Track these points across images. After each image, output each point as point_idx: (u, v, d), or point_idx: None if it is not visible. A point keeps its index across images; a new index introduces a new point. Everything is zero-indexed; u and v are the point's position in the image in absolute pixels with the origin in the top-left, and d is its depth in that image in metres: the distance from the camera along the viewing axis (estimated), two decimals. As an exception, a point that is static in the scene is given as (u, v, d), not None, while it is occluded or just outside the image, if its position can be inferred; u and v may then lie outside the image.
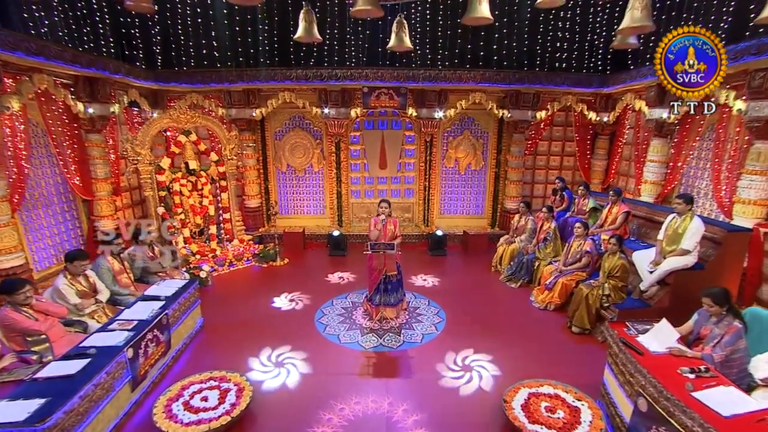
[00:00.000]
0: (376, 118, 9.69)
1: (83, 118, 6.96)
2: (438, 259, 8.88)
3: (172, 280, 5.85)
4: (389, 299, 6.12)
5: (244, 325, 6.01)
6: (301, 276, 7.87)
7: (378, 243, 5.64)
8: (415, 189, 10.12)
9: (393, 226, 6.02)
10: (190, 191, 8.17)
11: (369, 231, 6.06)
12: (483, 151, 9.95)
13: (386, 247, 5.62)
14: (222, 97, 9.07)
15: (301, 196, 10.15)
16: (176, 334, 5.23)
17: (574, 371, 4.88)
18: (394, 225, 6.02)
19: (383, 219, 5.85)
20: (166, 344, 4.89)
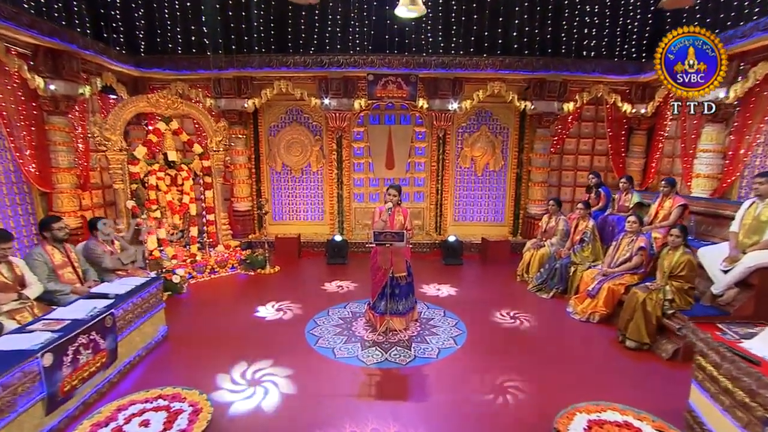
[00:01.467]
0: (383, 112, 8.95)
1: (44, 96, 6.21)
2: (453, 269, 7.90)
3: (130, 278, 4.89)
4: (397, 307, 5.14)
5: (218, 336, 5.07)
6: (294, 284, 6.98)
7: (384, 232, 4.70)
8: (426, 192, 9.24)
9: (402, 217, 5.11)
10: (169, 186, 7.32)
11: (372, 222, 5.15)
12: (503, 149, 9.09)
13: (394, 238, 4.66)
14: (210, 87, 8.36)
15: (297, 200, 9.32)
16: (127, 342, 4.24)
17: (637, 395, 3.81)
18: (405, 216, 5.11)
19: (390, 207, 4.94)
20: (109, 354, 3.88)
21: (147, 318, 4.61)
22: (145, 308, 4.58)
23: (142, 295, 4.53)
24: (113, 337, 3.95)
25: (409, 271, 5.18)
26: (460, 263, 8.13)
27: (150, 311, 4.68)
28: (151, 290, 4.73)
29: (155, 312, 4.79)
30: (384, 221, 5.03)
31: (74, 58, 6.46)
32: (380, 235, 4.71)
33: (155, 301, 4.82)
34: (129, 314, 4.28)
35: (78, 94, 6.67)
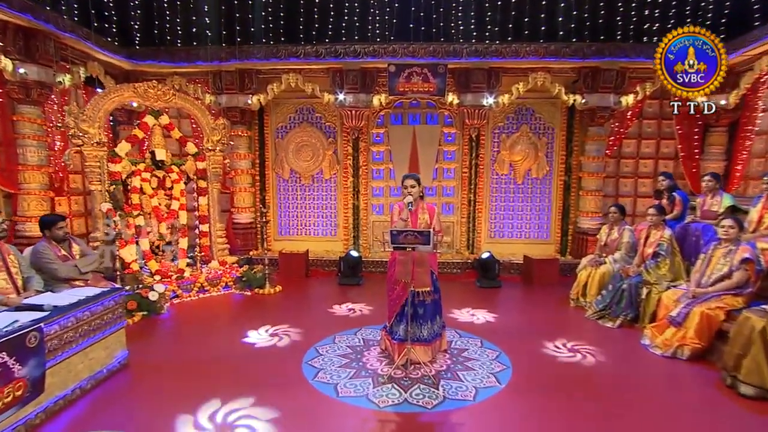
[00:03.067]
0: (406, 111, 8.25)
1: (11, 81, 5.71)
2: (490, 292, 6.91)
3: (86, 289, 4.11)
4: (420, 332, 4.23)
5: (192, 365, 4.25)
6: (296, 306, 6.18)
7: (404, 231, 3.82)
8: (456, 204, 8.38)
9: (428, 215, 4.26)
10: (155, 189, 6.68)
11: (391, 222, 4.31)
12: (547, 152, 8.18)
13: (417, 239, 3.78)
14: (210, 81, 7.82)
15: (307, 211, 8.62)
16: (63, 369, 3.41)
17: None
18: (431, 214, 4.28)
19: (411, 202, 4.08)
20: (29, 384, 3.04)
21: (97, 339, 3.78)
22: (95, 326, 3.76)
23: (91, 309, 3.72)
24: (38, 362, 3.12)
25: (435, 285, 4.27)
26: (497, 285, 7.13)
27: (102, 331, 3.86)
28: (107, 303, 3.93)
29: (111, 332, 3.97)
30: (404, 220, 4.17)
31: (50, 39, 5.98)
32: (400, 235, 3.83)
33: (112, 319, 4.01)
34: (69, 332, 3.46)
35: (55, 82, 6.18)
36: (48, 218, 4.55)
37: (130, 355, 4.23)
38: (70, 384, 3.48)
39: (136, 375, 4.05)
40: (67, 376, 3.45)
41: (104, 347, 3.90)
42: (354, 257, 7.30)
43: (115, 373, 3.98)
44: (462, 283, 7.38)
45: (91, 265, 4.64)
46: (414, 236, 3.81)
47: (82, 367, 3.62)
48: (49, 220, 4.51)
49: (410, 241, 3.83)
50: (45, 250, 4.36)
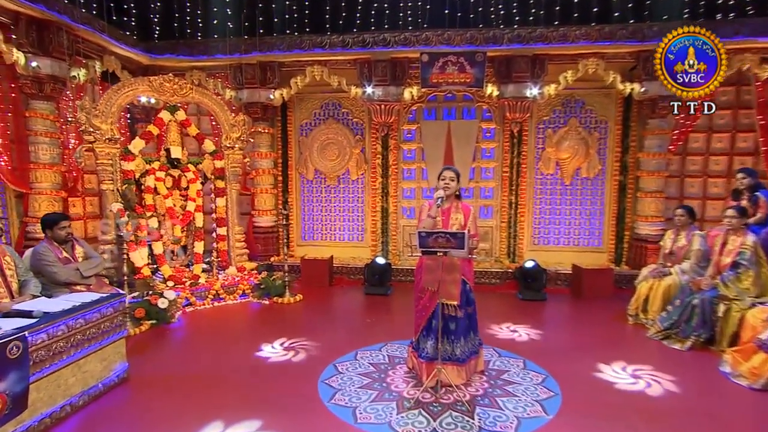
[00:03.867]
0: (440, 105, 7.93)
1: (24, 75, 5.71)
2: (533, 305, 6.44)
3: (82, 294, 3.95)
4: (452, 350, 3.87)
5: (198, 381, 4.03)
6: (316, 318, 5.92)
7: (435, 233, 3.48)
8: (495, 207, 7.96)
9: (463, 216, 3.93)
10: (170, 189, 6.59)
11: (419, 221, 3.97)
12: (600, 148, 7.64)
13: (449, 242, 3.42)
14: (230, 76, 7.72)
15: (332, 215, 8.39)
16: (51, 384, 3.23)
17: None
18: (466, 214, 3.94)
19: (441, 197, 3.73)
20: (7, 399, 2.85)
21: (92, 350, 3.60)
22: (89, 336, 3.57)
23: (86, 317, 3.54)
24: (20, 375, 2.93)
25: (468, 297, 3.90)
26: (542, 298, 6.64)
27: (99, 341, 3.67)
28: (104, 311, 3.74)
29: (108, 342, 3.79)
30: (434, 218, 3.80)
31: (65, 32, 5.97)
32: (429, 237, 3.48)
33: (110, 328, 3.82)
34: (59, 342, 3.27)
35: (69, 77, 6.18)
36: (50, 217, 4.44)
37: (132, 368, 4.06)
38: (59, 400, 3.29)
39: (135, 390, 3.85)
40: (56, 392, 3.26)
41: (100, 359, 3.71)
42: (380, 265, 6.97)
43: (112, 388, 3.79)
44: (501, 295, 6.93)
45: (95, 269, 4.49)
46: (446, 239, 3.45)
47: (74, 381, 3.43)
48: (51, 219, 4.39)
49: (441, 245, 3.48)
50: (45, 251, 4.23)
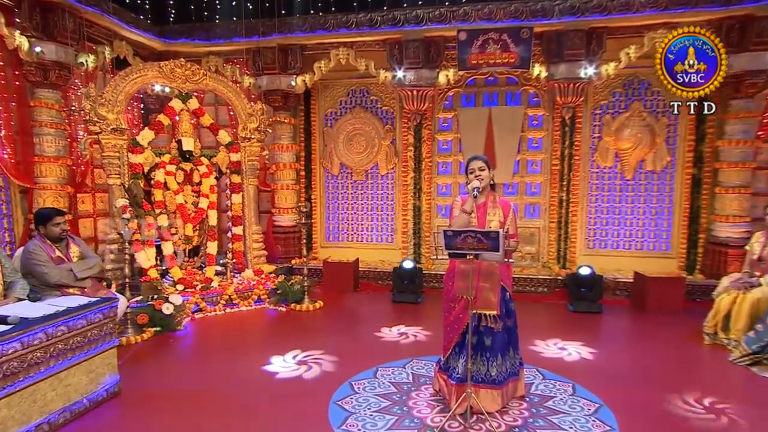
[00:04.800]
0: (480, 90, 7.57)
1: (28, 61, 5.69)
2: (587, 319, 5.99)
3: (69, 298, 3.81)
4: (487, 370, 3.51)
5: (197, 397, 3.85)
6: (336, 327, 5.72)
7: (464, 232, 3.15)
8: (543, 205, 7.54)
9: (501, 213, 3.60)
10: (181, 184, 6.49)
11: (450, 218, 3.69)
12: (668, 137, 7.06)
13: (482, 243, 3.10)
14: (249, 61, 7.60)
15: (359, 213, 8.17)
16: (26, 399, 3.06)
17: None
18: (505, 211, 3.62)
19: (477, 188, 3.40)
20: (-29, 415, 2.68)
21: (76, 361, 3.42)
22: (73, 345, 3.40)
23: (69, 323, 3.36)
24: (-15, 389, 2.76)
25: (508, 307, 3.55)
26: (597, 310, 6.16)
27: (85, 351, 3.50)
28: (92, 317, 3.56)
29: (96, 353, 3.61)
30: (468, 213, 3.46)
31: (72, 15, 5.93)
32: (457, 236, 3.14)
33: (99, 336, 3.64)
34: (35, 352, 3.10)
35: (76, 63, 6.14)
36: (44, 212, 4.38)
37: (125, 381, 3.91)
38: (35, 418, 3.11)
39: (125, 407, 3.67)
40: (31, 408, 3.09)
41: (87, 371, 3.53)
42: (407, 269, 6.63)
43: (100, 403, 3.61)
44: (549, 306, 6.51)
45: (90, 270, 4.40)
46: (477, 239, 3.10)
47: (54, 395, 3.25)
48: (45, 214, 4.32)
49: (472, 246, 3.13)
50: (36, 249, 4.14)
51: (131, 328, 4.96)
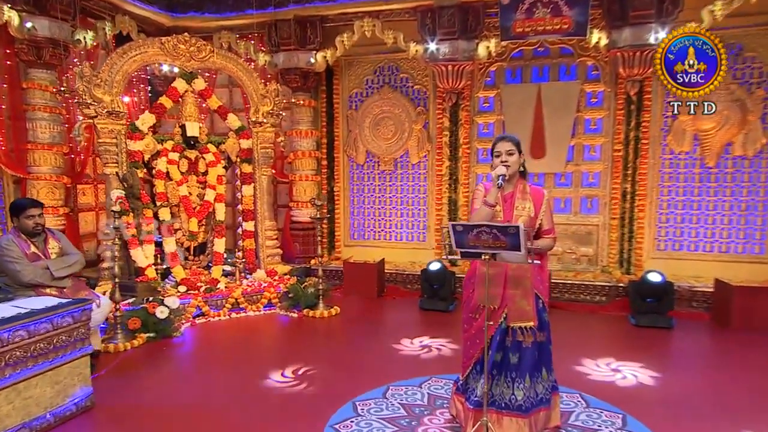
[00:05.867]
0: (528, 63, 7.28)
1: (19, 38, 5.77)
2: (652, 335, 5.61)
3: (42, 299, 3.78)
4: (512, 393, 3.23)
5: (179, 415, 3.77)
6: (351, 337, 5.67)
7: (478, 227, 2.89)
8: (602, 198, 7.18)
9: (532, 204, 3.31)
10: (185, 174, 6.50)
11: (471, 209, 3.52)
12: (765, 113, 6.51)
13: (498, 240, 2.87)
14: (265, 37, 7.59)
15: (387, 208, 8.05)
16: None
17: None
18: (537, 201, 3.33)
19: (503, 176, 3.16)
20: None
21: (40, 370, 3.35)
22: (35, 352, 3.33)
23: (30, 328, 3.28)
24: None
25: (541, 319, 3.24)
26: (666, 325, 5.75)
27: (51, 359, 3.43)
28: (59, 321, 3.49)
29: (65, 361, 3.54)
30: (493, 206, 3.18)
31: (67, -14, 6.01)
32: (469, 232, 2.87)
33: (68, 342, 3.57)
34: (-12, 359, 3.04)
35: (72, 41, 6.19)
36: (18, 202, 4.44)
37: (103, 394, 3.88)
38: (-13, 434, 3.06)
39: (97, 424, 3.61)
40: (-18, 424, 3.04)
41: (52, 382, 3.46)
42: (435, 272, 6.37)
43: (68, 419, 3.53)
44: (606, 319, 6.15)
45: (69, 269, 4.38)
46: (493, 235, 2.80)
47: (10, 410, 3.18)
48: (19, 205, 4.35)
49: (487, 243, 2.84)
50: (8, 245, 4.13)
51: (121, 333, 4.92)
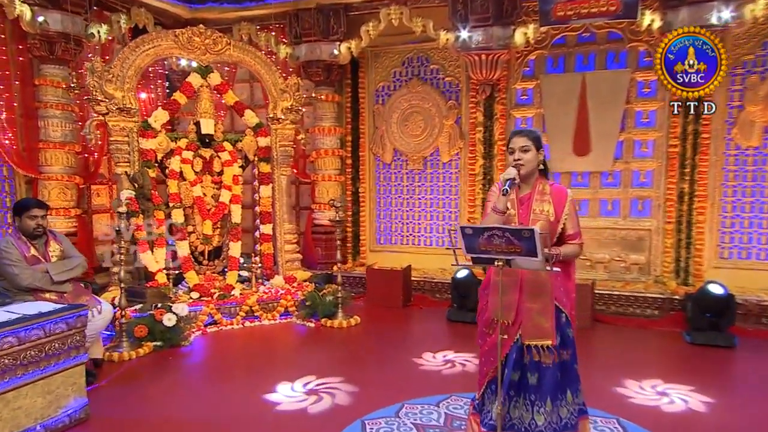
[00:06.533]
0: (571, 50, 7.18)
1: (31, 33, 5.98)
2: (710, 354, 5.38)
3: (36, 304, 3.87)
4: (532, 418, 3.10)
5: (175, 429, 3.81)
6: (369, 349, 5.73)
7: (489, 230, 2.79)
8: (655, 200, 6.98)
9: (552, 206, 3.15)
10: (200, 174, 6.62)
11: (483, 213, 3.38)
12: None
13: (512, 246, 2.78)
14: (286, 28, 7.71)
15: (416, 210, 8.12)
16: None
17: None
18: (558, 203, 3.17)
19: (512, 180, 3.03)
20: None
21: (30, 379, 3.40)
22: (26, 360, 3.37)
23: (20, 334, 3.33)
24: None
25: (564, 335, 3.09)
26: (727, 344, 5.50)
27: (42, 368, 3.48)
28: (51, 327, 3.53)
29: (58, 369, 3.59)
30: (502, 213, 3.05)
31: (80, -21, 6.21)
32: (479, 235, 2.80)
33: (62, 350, 3.62)
34: (-27, 367, 3.11)
35: (86, 35, 6.38)
36: (22, 202, 4.61)
37: (101, 405, 3.96)
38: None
39: (92, 436, 3.65)
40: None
41: (44, 392, 3.51)
42: (461, 279, 6.34)
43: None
44: (657, 335, 5.97)
45: (69, 273, 4.45)
46: (505, 239, 2.69)
47: (-4, 421, 3.26)
48: (23, 204, 4.48)
49: (499, 248, 2.73)
50: (7, 247, 4.24)
51: (126, 341, 5.02)
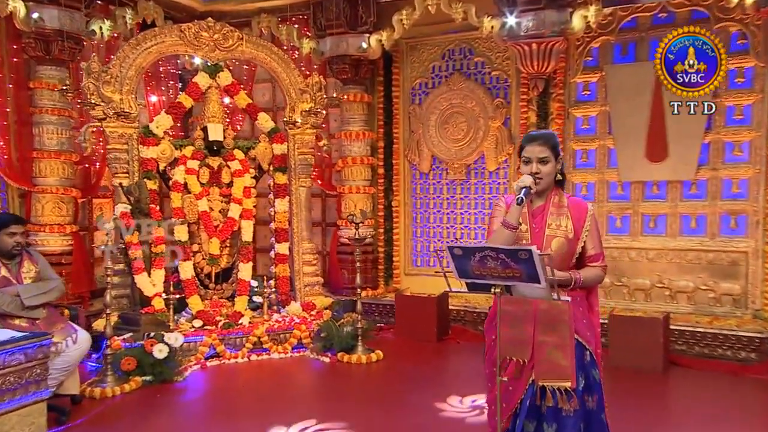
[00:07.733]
0: (643, 35, 7.01)
1: (26, 31, 6.20)
2: None
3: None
4: None
5: None
6: (386, 390, 5.70)
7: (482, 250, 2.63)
8: (752, 215, 6.67)
9: (570, 222, 3.04)
10: (206, 186, 6.72)
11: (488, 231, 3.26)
12: None
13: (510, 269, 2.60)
14: (309, 19, 7.84)
15: (457, 227, 8.16)
16: None
17: None
18: (578, 219, 3.07)
19: (526, 191, 2.90)
20: None
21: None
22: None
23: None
24: None
25: (588, 377, 2.94)
26: None
27: None
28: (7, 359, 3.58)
29: (12, 407, 3.63)
30: (514, 228, 2.90)
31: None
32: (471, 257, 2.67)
33: (19, 385, 3.67)
34: None
35: (86, 32, 6.58)
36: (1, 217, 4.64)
37: None
38: None
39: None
40: None
41: None
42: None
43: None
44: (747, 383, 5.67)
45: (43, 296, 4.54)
46: (501, 261, 2.51)
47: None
48: (2, 220, 4.59)
49: (495, 273, 2.56)
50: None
51: (112, 375, 5.04)
